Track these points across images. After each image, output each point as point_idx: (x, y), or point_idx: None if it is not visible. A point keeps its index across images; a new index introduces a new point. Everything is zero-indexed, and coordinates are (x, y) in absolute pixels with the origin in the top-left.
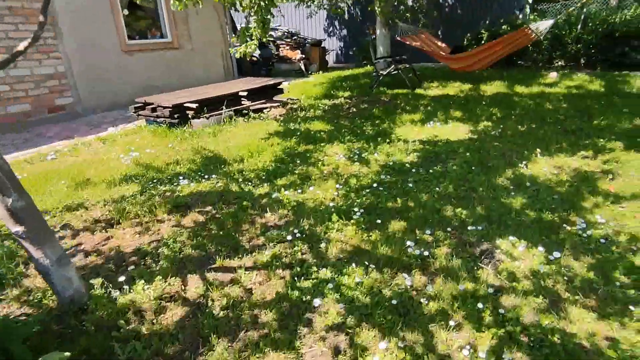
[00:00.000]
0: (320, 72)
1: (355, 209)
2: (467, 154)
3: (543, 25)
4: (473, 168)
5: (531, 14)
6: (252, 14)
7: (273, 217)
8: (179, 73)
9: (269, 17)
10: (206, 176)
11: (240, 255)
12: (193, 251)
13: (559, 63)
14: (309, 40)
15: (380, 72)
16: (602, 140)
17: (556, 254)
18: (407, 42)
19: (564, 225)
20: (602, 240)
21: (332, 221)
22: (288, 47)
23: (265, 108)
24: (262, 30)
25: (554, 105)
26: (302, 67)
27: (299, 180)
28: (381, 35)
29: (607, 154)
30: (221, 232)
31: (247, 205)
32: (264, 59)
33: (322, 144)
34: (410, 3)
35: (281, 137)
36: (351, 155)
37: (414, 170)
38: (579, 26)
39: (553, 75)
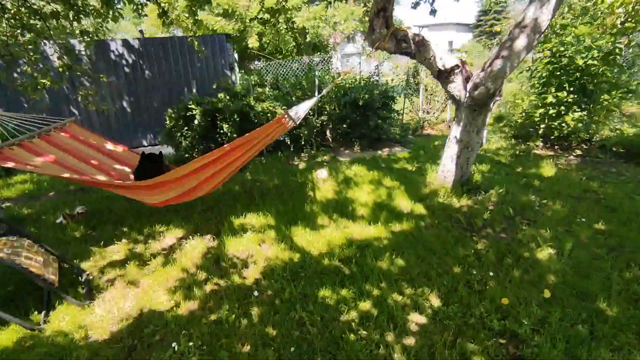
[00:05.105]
0: None
1: None
2: None
3: (302, 108)
4: None
5: (240, 72)
6: None
7: None
8: None
9: None
10: None
11: None
12: None
13: (315, 139)
14: None
15: None
16: None
17: None
18: (11, 165)
19: None
20: None
21: None
22: None
23: None
24: None
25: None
26: None
27: None
28: None
29: None
30: None
31: None
32: None
33: None
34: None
35: None
36: None
37: None
38: (315, 92)
39: (323, 175)
